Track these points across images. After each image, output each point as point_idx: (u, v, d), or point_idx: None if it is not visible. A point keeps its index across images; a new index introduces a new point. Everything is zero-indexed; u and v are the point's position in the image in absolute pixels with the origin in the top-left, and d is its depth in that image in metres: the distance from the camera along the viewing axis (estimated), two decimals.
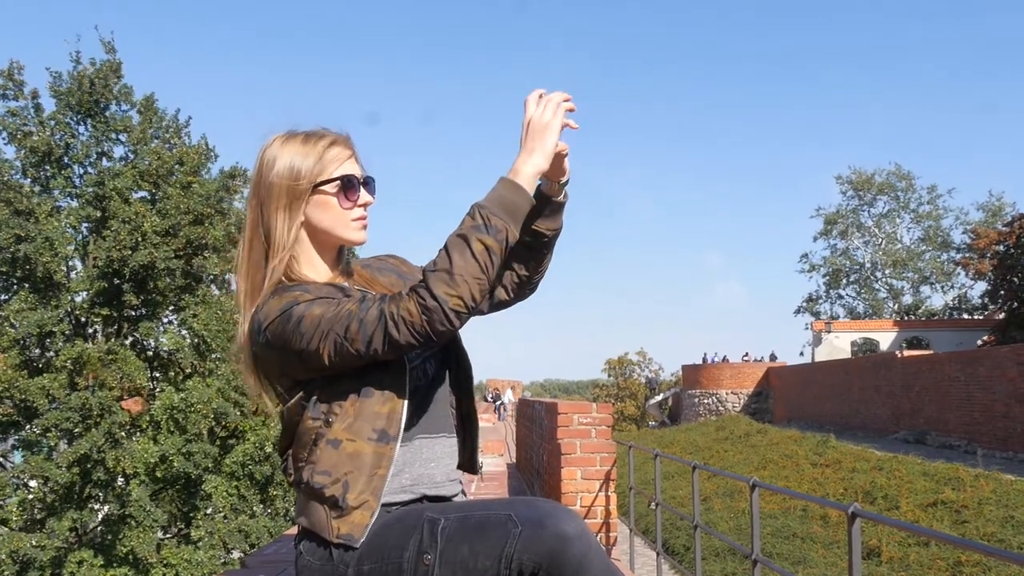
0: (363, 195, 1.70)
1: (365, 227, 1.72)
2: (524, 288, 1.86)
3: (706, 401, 38.18)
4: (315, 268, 1.72)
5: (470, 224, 1.49)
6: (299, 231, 1.68)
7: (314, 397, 1.60)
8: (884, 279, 51.05)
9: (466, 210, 1.55)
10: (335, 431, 1.58)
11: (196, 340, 13.31)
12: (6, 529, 11.78)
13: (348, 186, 1.68)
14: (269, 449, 13.04)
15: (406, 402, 1.60)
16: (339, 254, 1.78)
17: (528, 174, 1.56)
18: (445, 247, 1.49)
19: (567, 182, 1.78)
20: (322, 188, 1.66)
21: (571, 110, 1.62)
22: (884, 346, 37.19)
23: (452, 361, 1.79)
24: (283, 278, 1.66)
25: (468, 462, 1.84)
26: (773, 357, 41.55)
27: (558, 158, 1.71)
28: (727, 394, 37.65)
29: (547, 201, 1.76)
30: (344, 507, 1.55)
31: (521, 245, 1.78)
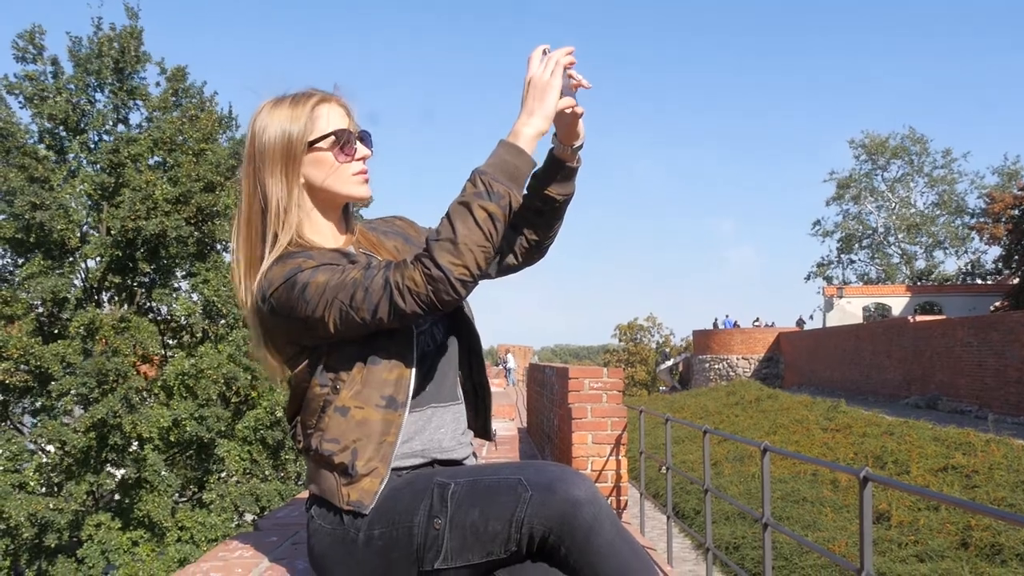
0: (360, 149, 1.67)
1: (367, 181, 1.69)
2: (533, 253, 1.83)
3: (717, 366, 38.20)
4: (320, 232, 1.69)
5: (472, 191, 1.46)
6: (299, 194, 1.64)
7: (321, 364, 1.59)
8: (897, 244, 50.70)
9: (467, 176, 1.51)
10: (343, 398, 1.57)
11: (207, 306, 13.37)
12: (24, 493, 11.93)
13: (343, 140, 1.64)
14: (280, 414, 13.13)
15: (414, 369, 1.59)
16: (345, 216, 1.75)
17: (528, 136, 1.52)
18: (448, 215, 1.46)
19: (581, 146, 1.72)
20: (316, 146, 1.63)
21: (571, 64, 1.57)
22: (896, 311, 37.02)
23: (462, 329, 1.77)
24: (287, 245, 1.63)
25: (482, 429, 1.84)
26: (800, 322, 41.31)
27: (572, 121, 1.66)
28: (738, 359, 37.65)
29: (560, 165, 1.72)
30: (354, 474, 1.56)
31: (531, 210, 1.76)
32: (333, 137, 1.63)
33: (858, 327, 31.22)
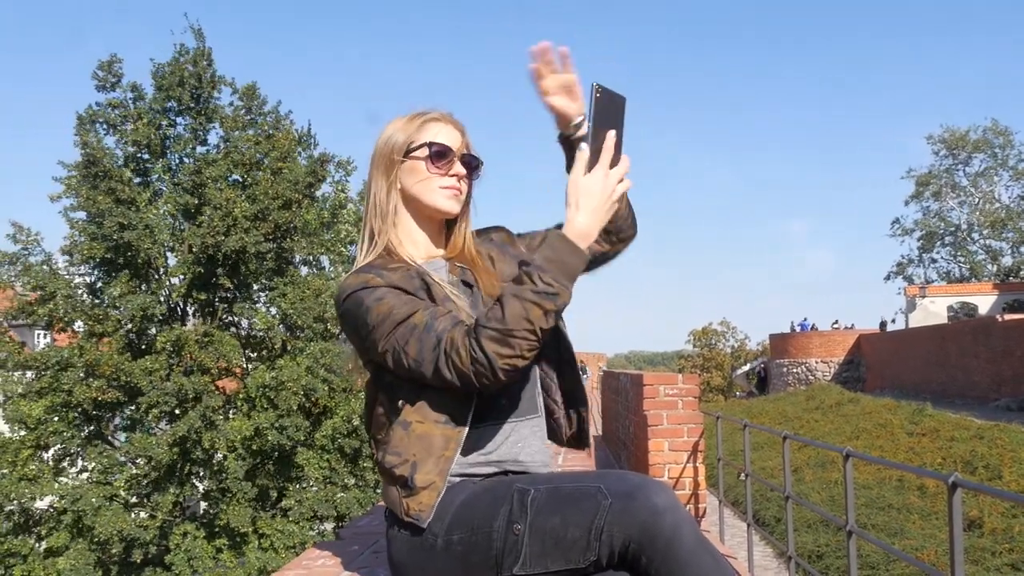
0: (456, 166, 1.74)
1: (455, 197, 1.74)
2: (611, 234, 1.79)
3: (795, 370, 37.34)
4: (415, 242, 1.76)
5: (529, 287, 1.46)
6: (397, 198, 1.74)
7: (387, 379, 1.64)
8: (981, 241, 48.81)
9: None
10: (406, 413, 1.62)
11: (286, 319, 13.69)
12: (116, 505, 12.38)
13: (436, 153, 1.71)
14: (356, 422, 13.37)
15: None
16: (445, 229, 1.81)
17: (587, 237, 1.51)
18: (501, 304, 1.47)
19: (581, 124, 1.70)
20: (412, 154, 1.72)
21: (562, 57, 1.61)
22: (983, 310, 35.65)
23: (550, 339, 1.75)
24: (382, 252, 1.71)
25: (577, 438, 1.84)
26: (884, 324, 40.00)
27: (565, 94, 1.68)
28: (817, 363, 36.73)
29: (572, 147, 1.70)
30: (413, 487, 1.59)
31: None
32: (426, 148, 1.71)
33: (943, 327, 30.18)
